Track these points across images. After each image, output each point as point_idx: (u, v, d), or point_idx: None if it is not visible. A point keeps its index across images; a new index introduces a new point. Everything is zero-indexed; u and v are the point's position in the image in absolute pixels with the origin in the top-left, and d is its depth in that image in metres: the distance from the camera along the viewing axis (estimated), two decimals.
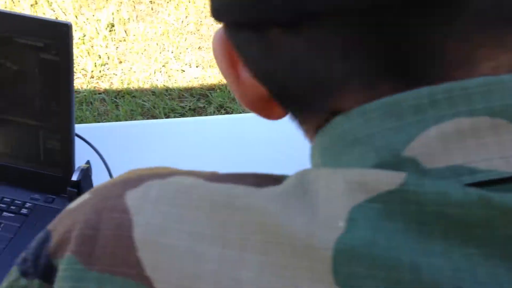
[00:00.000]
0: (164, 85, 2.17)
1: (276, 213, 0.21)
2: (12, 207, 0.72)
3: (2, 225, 0.69)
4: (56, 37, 0.65)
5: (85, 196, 0.26)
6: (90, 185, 0.71)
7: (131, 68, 2.23)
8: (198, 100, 2.14)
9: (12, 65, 0.68)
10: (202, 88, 2.19)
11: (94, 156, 0.74)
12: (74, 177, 0.68)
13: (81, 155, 0.73)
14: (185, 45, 2.37)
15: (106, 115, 2.04)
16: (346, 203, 0.20)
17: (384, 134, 0.21)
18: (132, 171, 0.28)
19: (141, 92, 2.15)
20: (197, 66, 2.28)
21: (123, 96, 2.12)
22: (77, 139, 0.73)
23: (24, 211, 0.72)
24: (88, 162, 0.71)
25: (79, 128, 0.77)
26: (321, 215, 0.20)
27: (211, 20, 2.53)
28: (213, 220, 0.22)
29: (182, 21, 2.47)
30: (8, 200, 0.73)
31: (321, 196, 0.21)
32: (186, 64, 2.28)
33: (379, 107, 0.22)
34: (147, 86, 2.18)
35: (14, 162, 0.73)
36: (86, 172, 0.69)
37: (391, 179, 0.20)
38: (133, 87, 2.16)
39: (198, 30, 2.46)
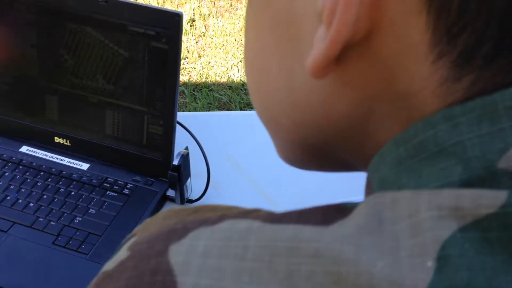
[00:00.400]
0: (240, 80, 2.20)
1: (350, 259, 0.17)
2: (115, 187, 0.76)
3: (106, 203, 0.73)
4: (167, 26, 0.67)
5: (124, 254, 0.22)
6: (188, 169, 0.73)
7: (209, 63, 2.28)
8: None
9: (124, 52, 0.71)
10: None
11: (190, 143, 0.77)
12: (175, 162, 0.71)
13: (178, 141, 0.76)
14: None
15: (185, 107, 2.10)
16: (435, 235, 0.17)
17: (475, 142, 0.18)
18: (173, 212, 0.23)
19: (218, 86, 2.20)
20: None
21: (201, 89, 2.17)
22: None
23: (126, 191, 0.75)
24: (186, 148, 0.73)
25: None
26: (404, 254, 0.17)
27: None
28: (276, 272, 0.18)
29: None
30: (111, 180, 0.77)
31: (403, 228, 0.17)
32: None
33: (472, 109, 0.18)
34: (224, 80, 2.22)
35: (119, 145, 0.77)
36: (186, 157, 0.72)
37: (489, 200, 0.17)
38: (210, 81, 2.21)
39: None
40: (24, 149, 0.80)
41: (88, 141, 0.78)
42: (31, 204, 0.72)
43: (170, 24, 0.67)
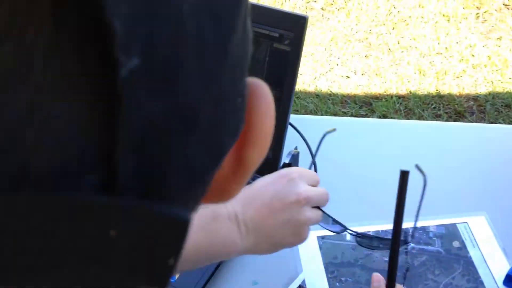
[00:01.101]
0: (328, 90, 2.20)
1: None
2: None
3: None
4: (292, 29, 0.70)
5: None
6: None
7: None
8: (361, 107, 2.13)
9: None
10: (366, 96, 2.18)
11: (299, 143, 0.79)
12: (286, 160, 0.73)
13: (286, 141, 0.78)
14: (352, 52, 2.38)
15: None
16: None
17: None
18: None
19: (305, 94, 2.22)
20: (362, 74, 2.27)
21: None
22: None
23: None
24: (296, 148, 0.75)
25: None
26: None
27: (381, 29, 2.51)
28: None
29: (352, 29, 2.49)
30: None
31: None
32: (351, 71, 2.29)
33: None
34: (311, 89, 2.23)
35: None
36: (296, 157, 0.74)
37: None
38: (298, 89, 2.24)
39: (367, 38, 2.46)
40: None
41: None
42: None
43: (295, 26, 0.69)
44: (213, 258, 0.55)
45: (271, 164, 0.78)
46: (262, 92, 0.22)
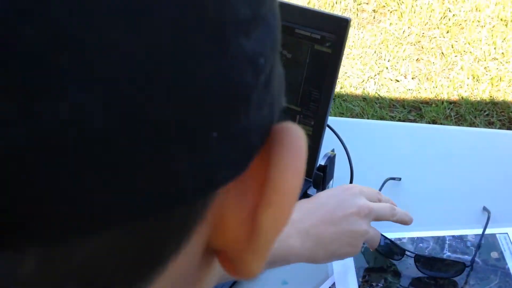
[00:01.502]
0: (376, 93, 2.17)
1: None
2: None
3: None
4: (334, 31, 0.70)
5: None
6: (332, 171, 0.75)
7: (346, 73, 2.29)
8: (409, 112, 2.08)
9: (287, 53, 0.76)
10: (415, 100, 2.13)
11: (333, 147, 0.79)
12: (322, 162, 0.73)
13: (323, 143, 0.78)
14: (402, 56, 2.33)
15: None
16: None
17: None
18: None
19: (352, 97, 2.19)
20: (412, 78, 2.22)
21: (335, 98, 2.18)
22: None
23: None
24: (333, 150, 0.75)
25: None
26: None
27: (434, 32, 2.44)
28: None
29: (404, 31, 2.44)
30: None
31: None
32: (401, 75, 2.25)
33: None
34: (358, 92, 2.21)
35: None
36: (333, 159, 0.74)
37: None
38: (345, 91, 2.21)
39: (419, 41, 2.40)
40: None
41: None
42: None
43: (337, 28, 0.69)
44: (272, 262, 0.55)
45: (307, 165, 0.78)
46: (291, 139, 0.17)
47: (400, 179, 0.82)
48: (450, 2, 2.60)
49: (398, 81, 2.23)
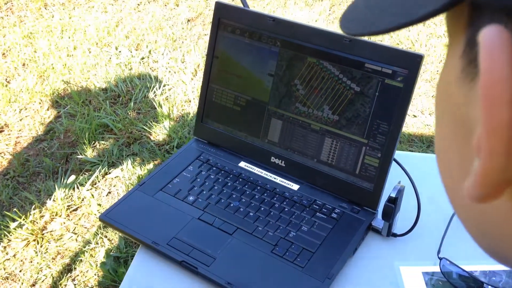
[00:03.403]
0: None
1: None
2: (323, 209, 0.81)
3: (316, 223, 0.79)
4: (406, 66, 0.72)
5: None
6: (400, 204, 0.76)
7: None
8: (428, 147, 2.11)
9: (355, 87, 0.77)
10: (433, 135, 2.15)
11: (402, 179, 0.80)
12: (393, 194, 0.74)
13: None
14: (419, 92, 2.37)
15: None
16: None
17: None
18: None
19: None
20: (430, 114, 2.26)
21: None
22: None
23: (334, 215, 0.80)
24: (399, 182, 0.76)
25: None
26: None
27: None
28: None
29: None
30: (320, 203, 0.82)
31: None
32: (418, 110, 2.28)
33: None
34: None
35: (331, 171, 0.83)
36: (402, 191, 0.75)
37: None
38: None
39: (434, 78, 2.45)
40: (243, 164, 0.90)
41: (302, 164, 0.85)
42: (250, 214, 0.80)
43: (410, 64, 0.72)
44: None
45: (372, 197, 0.79)
46: None
47: None
48: None
49: (415, 116, 2.26)
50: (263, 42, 0.84)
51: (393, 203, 0.74)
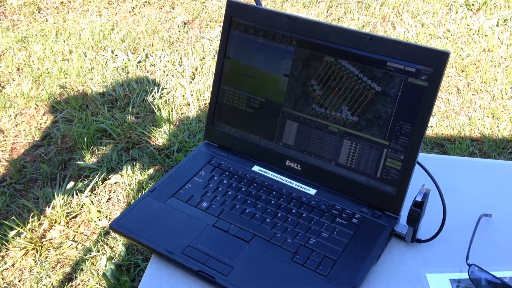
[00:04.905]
0: None
1: None
2: (343, 215, 0.78)
3: (337, 229, 0.75)
4: (431, 64, 0.69)
5: None
6: (425, 209, 0.73)
7: None
8: (432, 149, 2.08)
9: (376, 86, 0.74)
10: (436, 137, 2.13)
11: (426, 182, 0.77)
12: (418, 198, 0.71)
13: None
14: None
15: None
16: None
17: None
18: None
19: None
20: (432, 116, 2.24)
21: None
22: None
23: (354, 220, 0.77)
24: (424, 186, 0.73)
25: None
26: None
27: (449, 71, 2.48)
28: None
29: None
30: (339, 208, 0.79)
31: None
32: None
33: None
34: None
35: (350, 174, 0.79)
36: (427, 195, 0.71)
37: None
38: None
39: None
40: (256, 168, 0.86)
41: (319, 167, 0.82)
42: (267, 220, 0.77)
43: (435, 62, 0.69)
44: None
45: (395, 201, 0.76)
46: None
47: (491, 215, 0.80)
48: (463, 42, 2.65)
49: None
50: (277, 41, 0.81)
51: (419, 207, 0.71)
